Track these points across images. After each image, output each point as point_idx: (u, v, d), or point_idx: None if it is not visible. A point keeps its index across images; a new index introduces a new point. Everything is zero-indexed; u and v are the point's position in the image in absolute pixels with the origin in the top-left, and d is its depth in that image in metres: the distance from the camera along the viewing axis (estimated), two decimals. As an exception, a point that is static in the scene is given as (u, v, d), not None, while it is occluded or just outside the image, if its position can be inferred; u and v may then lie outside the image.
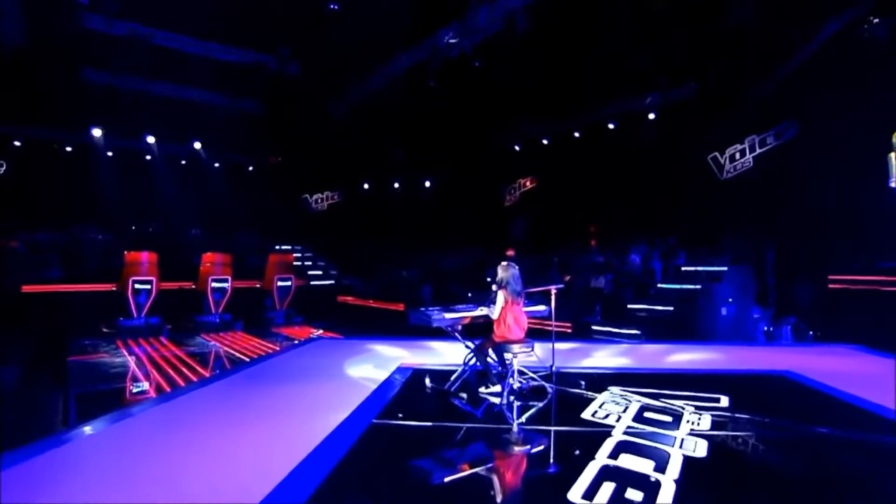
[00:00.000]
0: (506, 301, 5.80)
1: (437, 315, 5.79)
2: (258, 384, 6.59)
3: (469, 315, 6.06)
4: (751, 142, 16.08)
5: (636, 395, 5.80)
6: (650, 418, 5.06)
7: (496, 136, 19.96)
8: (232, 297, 14.15)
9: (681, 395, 5.82)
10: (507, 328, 5.81)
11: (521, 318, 5.92)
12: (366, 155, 21.06)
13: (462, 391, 5.98)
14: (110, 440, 4.65)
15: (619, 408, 5.38)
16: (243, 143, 19.40)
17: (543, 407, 5.64)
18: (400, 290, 17.17)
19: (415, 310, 6.00)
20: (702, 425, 4.84)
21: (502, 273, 5.92)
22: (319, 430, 4.63)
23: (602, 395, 5.86)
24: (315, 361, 7.89)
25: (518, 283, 5.88)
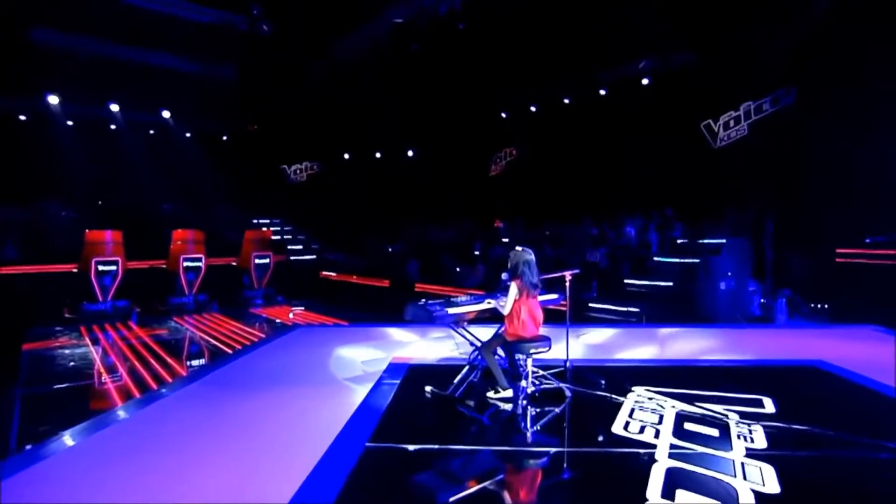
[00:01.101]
0: (519, 293, 4.85)
1: (440, 311, 4.82)
2: (229, 393, 5.59)
3: (475, 309, 5.11)
4: (746, 108, 15.19)
5: (667, 399, 4.96)
6: (693, 432, 4.21)
7: (482, 102, 18.75)
8: (207, 275, 13.00)
9: (716, 397, 5.00)
10: (520, 324, 4.88)
11: (537, 312, 4.99)
12: (346, 123, 19.71)
13: (468, 395, 5.06)
14: (51, 470, 3.65)
15: (653, 417, 4.53)
16: (216, 111, 17.88)
17: (561, 412, 4.77)
18: (385, 265, 16.16)
19: (413, 304, 5.01)
20: (756, 441, 4.01)
21: (515, 259, 4.95)
22: (300, 463, 3.68)
23: (628, 398, 5.00)
24: (295, 358, 6.89)
25: (534, 273, 4.93)
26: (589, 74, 16.47)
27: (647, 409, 4.71)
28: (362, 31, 15.00)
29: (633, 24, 14.71)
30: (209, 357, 7.66)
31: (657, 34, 15.06)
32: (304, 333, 8.18)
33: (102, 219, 14.27)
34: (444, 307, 4.96)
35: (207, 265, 12.97)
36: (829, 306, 11.46)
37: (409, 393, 5.29)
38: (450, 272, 14.80)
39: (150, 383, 6.20)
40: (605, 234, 13.91)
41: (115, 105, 16.17)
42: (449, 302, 5.15)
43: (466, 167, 20.34)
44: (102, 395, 6.01)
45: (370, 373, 5.99)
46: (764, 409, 4.68)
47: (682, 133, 15.70)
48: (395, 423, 4.51)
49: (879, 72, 10.73)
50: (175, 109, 17.47)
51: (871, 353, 6.62)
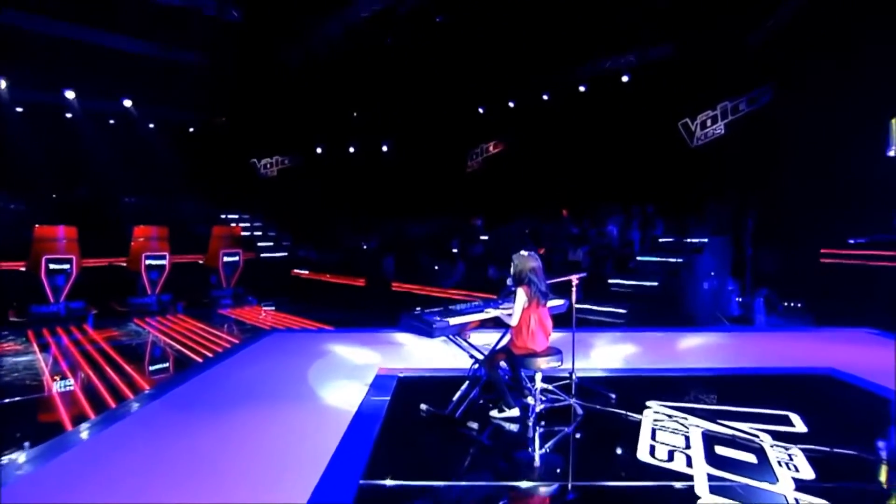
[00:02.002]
0: (528, 302, 4.26)
1: (440, 322, 4.18)
2: (197, 413, 4.83)
3: (477, 318, 4.49)
4: (723, 108, 15.01)
5: (686, 416, 4.45)
6: (727, 458, 3.71)
7: (460, 97, 18.13)
8: (171, 274, 12.05)
9: (738, 413, 4.52)
10: (530, 336, 4.29)
11: (547, 322, 4.41)
12: (319, 117, 18.81)
13: (469, 415, 4.45)
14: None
15: (678, 439, 4.01)
16: (182, 100, 16.71)
17: (572, 432, 4.22)
18: (360, 262, 15.42)
19: (408, 314, 4.36)
20: (802, 470, 3.52)
21: (520, 266, 4.35)
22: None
23: (645, 416, 4.48)
24: (270, 369, 6.14)
25: (542, 280, 4.34)
26: (568, 71, 16.05)
27: (669, 430, 4.19)
28: (337, 19, 14.16)
29: (612, 21, 14.34)
30: (175, 366, 6.85)
31: (636, 31, 14.73)
32: (279, 339, 7.43)
33: (56, 213, 13.10)
34: (444, 317, 4.33)
35: (172, 263, 12.01)
36: (802, 305, 11.32)
37: (401, 411, 4.64)
38: (428, 270, 14.17)
39: (106, 399, 5.39)
40: (587, 233, 13.49)
41: (70, 91, 14.90)
42: (448, 311, 4.52)
43: (442, 162, 19.74)
44: (49, 413, 5.17)
45: (355, 387, 5.32)
46: (794, 428, 4.22)
47: (660, 131, 15.45)
48: (390, 452, 3.86)
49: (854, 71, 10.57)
50: (137, 97, 16.25)
51: (876, 358, 6.28)
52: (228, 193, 18.53)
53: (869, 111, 10.03)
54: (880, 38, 9.90)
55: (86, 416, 4.90)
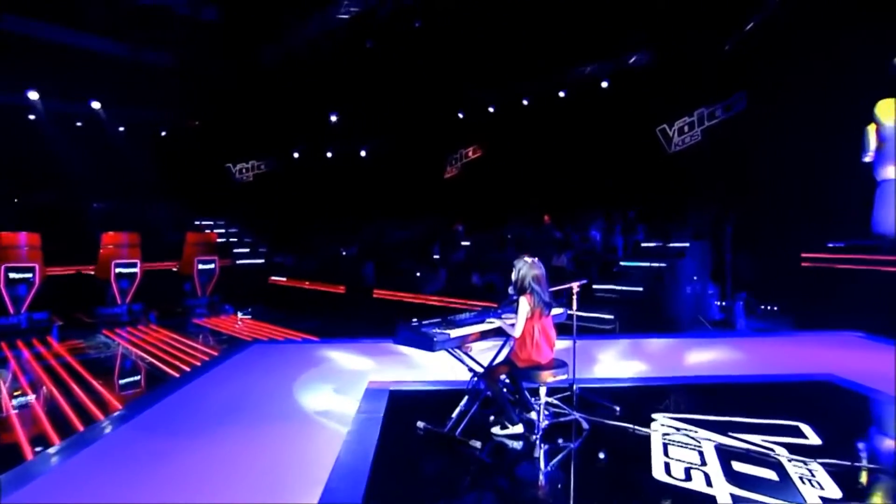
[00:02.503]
0: (531, 312, 4.00)
1: (441, 335, 3.87)
2: (174, 435, 4.43)
3: (478, 330, 4.20)
4: (700, 114, 15.11)
5: (696, 429, 4.24)
6: (746, 475, 3.49)
7: (439, 102, 17.89)
8: (143, 282, 11.46)
9: (749, 425, 4.33)
10: (534, 347, 4.03)
11: (551, 332, 4.15)
12: (296, 120, 18.35)
13: (470, 432, 4.14)
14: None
15: (693, 455, 3.78)
16: (153, 102, 16.08)
17: (578, 448, 3.97)
18: (339, 269, 15.00)
19: (405, 326, 4.05)
20: (826, 487, 3.33)
21: (521, 274, 4.08)
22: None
23: (653, 429, 4.25)
24: (253, 384, 5.73)
25: (545, 290, 4.08)
26: (548, 76, 15.96)
27: (681, 444, 3.96)
28: (316, 20, 13.79)
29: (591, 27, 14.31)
30: (148, 382, 6.39)
31: (616, 37, 14.73)
32: (262, 351, 7.01)
33: (18, 218, 12.37)
34: (444, 329, 4.03)
35: (144, 271, 11.43)
36: (779, 308, 11.39)
37: (396, 429, 4.32)
38: (409, 277, 13.84)
39: (72, 421, 4.93)
40: (570, 238, 13.35)
41: (34, 92, 14.16)
42: (447, 322, 4.22)
43: (421, 168, 19.47)
44: (5, 437, 4.69)
45: (345, 402, 4.97)
46: (808, 440, 4.03)
47: (639, 137, 15.48)
48: (388, 477, 3.54)
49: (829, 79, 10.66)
50: (106, 99, 15.56)
51: (870, 362, 6.22)
52: (202, 199, 17.92)
53: (844, 118, 10.10)
54: (854, 45, 10.00)
55: (48, 441, 4.45)
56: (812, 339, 7.45)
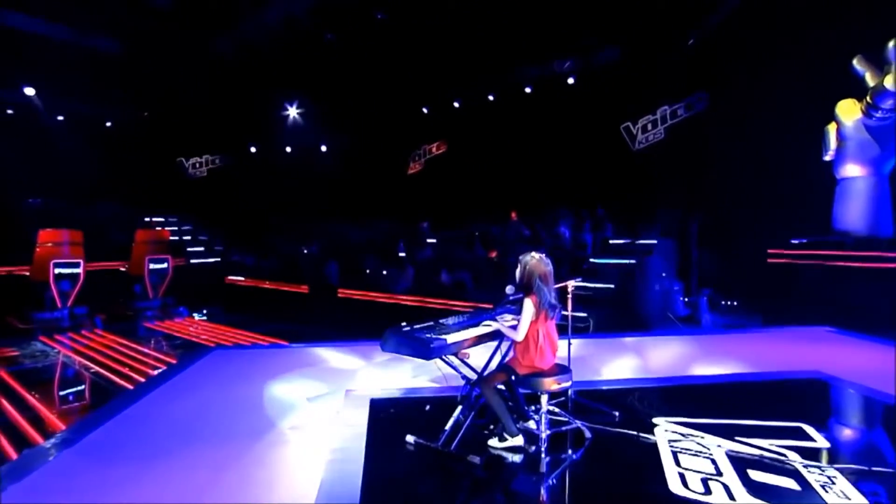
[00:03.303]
0: (536, 314, 3.66)
1: (438, 340, 3.47)
2: (130, 461, 3.86)
3: (475, 334, 3.83)
4: (662, 113, 15.24)
5: (702, 435, 4.01)
6: (765, 484, 3.26)
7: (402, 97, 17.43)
8: (87, 284, 10.53)
9: (752, 427, 4.14)
10: (538, 353, 3.69)
11: (555, 336, 3.83)
12: (252, 114, 17.50)
13: (466, 446, 3.77)
14: None
15: (706, 464, 3.54)
16: (97, 91, 14.92)
17: (580, 459, 3.67)
18: (301, 267, 14.34)
19: (395, 331, 3.62)
20: (852, 496, 3.13)
21: (528, 270, 3.74)
22: None
23: (658, 435, 3.99)
24: (216, 399, 5.14)
25: (551, 290, 3.75)
26: (514, 71, 15.76)
27: (691, 452, 3.71)
28: (274, 9, 13.08)
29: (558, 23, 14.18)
30: (95, 396, 5.72)
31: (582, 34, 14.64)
32: (224, 358, 6.41)
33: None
34: (438, 333, 3.64)
35: (87, 271, 10.50)
36: (739, 303, 11.55)
37: (383, 445, 3.89)
38: (375, 275, 13.36)
39: (2, 447, 4.28)
40: (539, 235, 13.17)
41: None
42: (441, 326, 3.83)
43: (384, 164, 18.98)
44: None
45: (322, 413, 4.51)
46: (815, 443, 3.87)
47: (605, 134, 15.49)
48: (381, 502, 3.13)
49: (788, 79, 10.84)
50: (42, 86, 14.31)
51: (850, 358, 6.21)
52: (152, 195, 16.82)
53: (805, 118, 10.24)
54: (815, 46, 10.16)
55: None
56: (786, 336, 7.44)
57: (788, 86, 10.80)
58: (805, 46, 10.38)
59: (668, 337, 7.98)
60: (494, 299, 10.79)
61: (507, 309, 4.26)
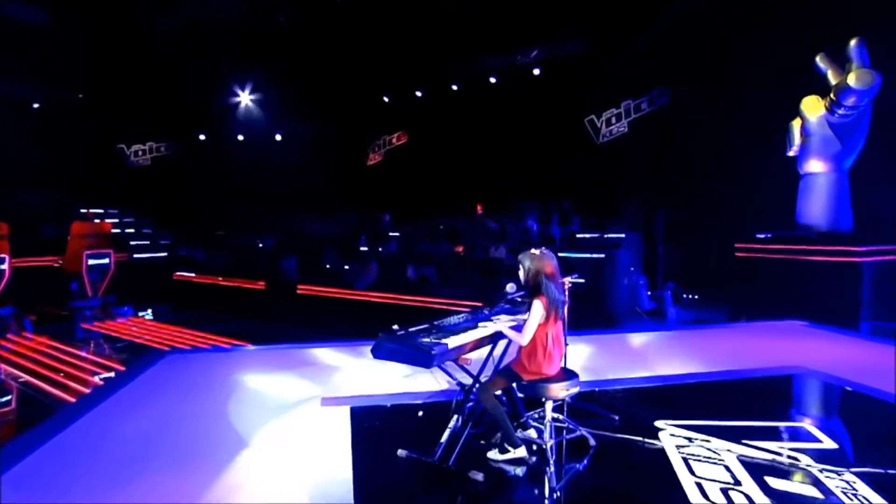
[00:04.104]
0: (545, 316, 3.37)
1: (439, 346, 3.12)
2: (76, 491, 3.34)
3: (476, 337, 3.50)
4: (626, 106, 15.33)
5: (707, 438, 3.85)
6: (786, 492, 3.11)
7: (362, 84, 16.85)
8: (13, 281, 9.57)
9: (756, 429, 4.01)
10: (546, 358, 3.41)
11: (562, 340, 3.56)
12: (201, 99, 16.51)
13: (466, 460, 3.45)
14: None
15: (720, 471, 3.36)
16: (22, 69, 13.62)
17: (585, 470, 3.44)
18: (257, 262, 13.65)
19: (388, 336, 3.25)
20: (875, 501, 3.02)
21: (532, 266, 3.45)
22: None
23: (664, 441, 3.80)
24: (172, 411, 4.59)
25: (559, 287, 3.47)
26: (479, 61, 15.46)
27: (702, 459, 3.54)
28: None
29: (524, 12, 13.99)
30: (25, 411, 5.05)
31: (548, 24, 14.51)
32: (180, 363, 5.82)
33: None
34: (436, 337, 3.29)
35: (13, 267, 9.53)
36: (699, 296, 11.77)
37: (372, 461, 3.52)
38: (337, 271, 12.85)
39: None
40: (506, 229, 12.99)
41: None
42: (437, 328, 3.48)
43: (343, 154, 18.37)
44: None
45: (297, 426, 4.09)
46: (822, 444, 3.77)
47: (570, 127, 15.45)
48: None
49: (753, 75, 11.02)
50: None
51: (828, 352, 6.26)
52: (89, 185, 15.59)
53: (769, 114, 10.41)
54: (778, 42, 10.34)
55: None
56: (760, 330, 7.49)
57: (752, 81, 10.97)
58: (769, 41, 10.55)
59: (644, 333, 7.90)
60: (461, 294, 10.57)
61: (503, 308, 3.96)
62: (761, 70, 10.80)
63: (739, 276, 10.11)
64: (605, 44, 14.31)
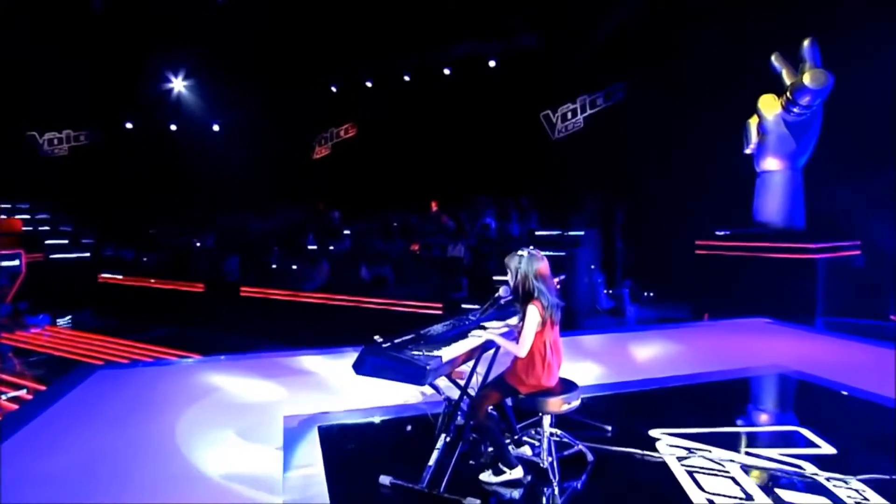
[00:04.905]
0: (541, 322, 3.11)
1: (433, 359, 2.80)
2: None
3: (469, 347, 3.20)
4: (582, 101, 15.46)
5: (707, 448, 3.72)
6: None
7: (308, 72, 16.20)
8: None
9: (751, 435, 3.95)
10: (545, 369, 3.15)
11: (560, 347, 3.31)
12: (128, 83, 15.36)
13: (458, 485, 3.15)
14: None
15: (727, 484, 3.21)
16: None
17: (585, 486, 3.24)
18: (195, 263, 12.81)
19: (373, 350, 2.89)
20: (889, 513, 2.96)
21: (525, 270, 3.18)
22: None
23: (663, 452, 3.64)
24: (109, 439, 4.02)
25: (552, 289, 3.22)
26: (433, 50, 15.16)
27: (707, 471, 3.39)
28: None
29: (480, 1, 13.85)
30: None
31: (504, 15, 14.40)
32: (113, 379, 5.17)
33: None
34: (426, 349, 2.97)
35: None
36: (657, 294, 11.99)
37: (351, 491, 3.17)
38: (284, 271, 12.24)
39: None
40: (463, 226, 12.76)
41: None
42: (425, 338, 3.16)
43: (287, 147, 17.63)
44: None
45: (260, 451, 3.67)
46: (821, 449, 3.72)
47: (526, 121, 15.43)
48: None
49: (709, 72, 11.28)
50: None
51: (800, 349, 6.37)
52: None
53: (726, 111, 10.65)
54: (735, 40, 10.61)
55: None
56: (728, 328, 7.58)
57: (709, 78, 11.18)
58: (725, 38, 10.78)
59: (613, 334, 7.86)
60: (420, 295, 10.25)
61: (492, 315, 3.69)
62: (718, 66, 11.02)
63: (699, 273, 10.28)
64: (561, 37, 14.35)
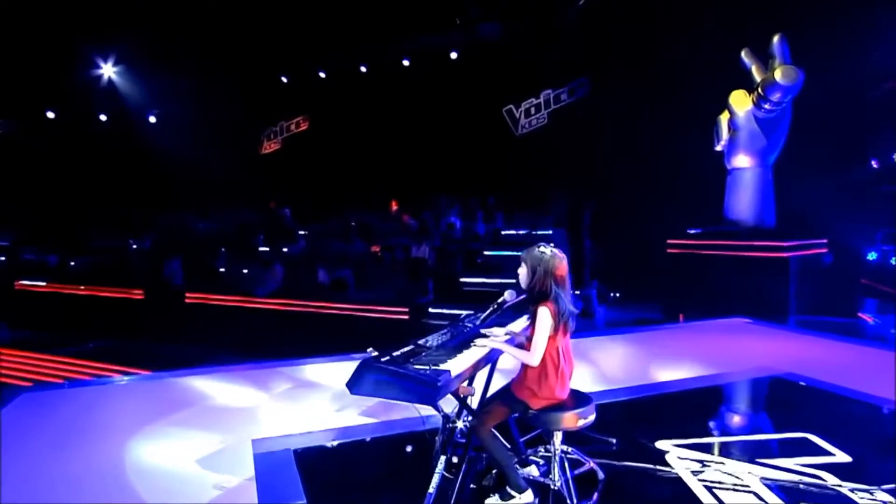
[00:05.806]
0: (553, 327, 2.87)
1: (443, 374, 2.51)
2: None
3: (473, 359, 2.92)
4: (546, 96, 15.49)
5: (721, 460, 3.59)
6: (830, 521, 2.90)
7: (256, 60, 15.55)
8: None
9: (763, 444, 3.85)
10: (559, 381, 2.92)
11: (571, 357, 3.08)
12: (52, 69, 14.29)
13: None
14: None
15: (750, 500, 3.08)
16: None
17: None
18: (132, 267, 12.00)
19: (373, 367, 2.55)
20: (922, 524, 2.88)
21: (544, 268, 2.93)
22: None
23: (676, 466, 3.47)
24: (42, 481, 3.55)
25: (569, 293, 2.98)
26: (391, 40, 14.82)
27: (726, 486, 3.25)
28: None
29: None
30: None
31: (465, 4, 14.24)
32: (38, 403, 4.60)
33: None
34: (431, 362, 2.68)
35: None
36: (620, 294, 12.07)
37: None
38: (233, 275, 11.62)
39: None
40: (427, 226, 12.49)
41: None
42: (424, 349, 2.86)
43: (232, 141, 16.88)
44: None
45: (230, 483, 3.28)
46: (835, 457, 3.64)
47: (487, 116, 15.32)
48: None
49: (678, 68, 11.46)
50: None
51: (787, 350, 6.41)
52: None
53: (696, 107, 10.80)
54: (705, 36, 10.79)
55: None
56: (709, 329, 7.59)
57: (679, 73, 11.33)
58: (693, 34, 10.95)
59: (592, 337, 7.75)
60: (384, 299, 9.90)
61: (494, 320, 3.43)
62: (687, 61, 11.16)
63: (670, 272, 10.34)
64: (523, 30, 14.29)
